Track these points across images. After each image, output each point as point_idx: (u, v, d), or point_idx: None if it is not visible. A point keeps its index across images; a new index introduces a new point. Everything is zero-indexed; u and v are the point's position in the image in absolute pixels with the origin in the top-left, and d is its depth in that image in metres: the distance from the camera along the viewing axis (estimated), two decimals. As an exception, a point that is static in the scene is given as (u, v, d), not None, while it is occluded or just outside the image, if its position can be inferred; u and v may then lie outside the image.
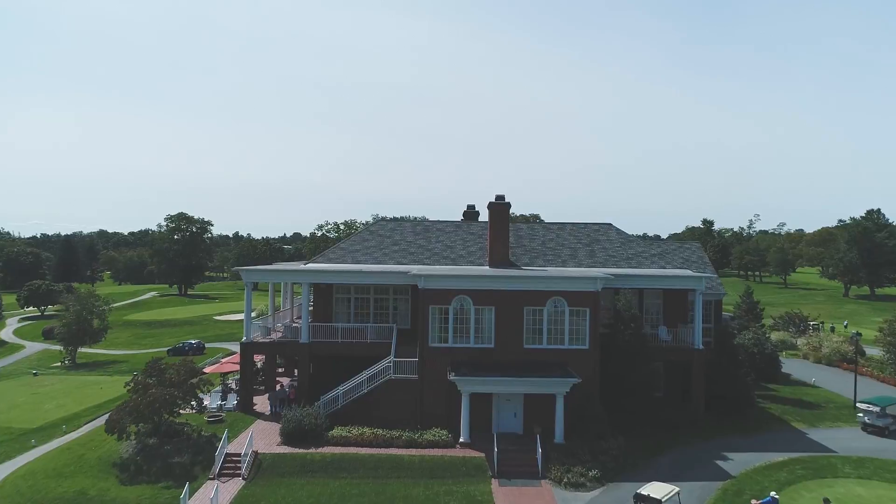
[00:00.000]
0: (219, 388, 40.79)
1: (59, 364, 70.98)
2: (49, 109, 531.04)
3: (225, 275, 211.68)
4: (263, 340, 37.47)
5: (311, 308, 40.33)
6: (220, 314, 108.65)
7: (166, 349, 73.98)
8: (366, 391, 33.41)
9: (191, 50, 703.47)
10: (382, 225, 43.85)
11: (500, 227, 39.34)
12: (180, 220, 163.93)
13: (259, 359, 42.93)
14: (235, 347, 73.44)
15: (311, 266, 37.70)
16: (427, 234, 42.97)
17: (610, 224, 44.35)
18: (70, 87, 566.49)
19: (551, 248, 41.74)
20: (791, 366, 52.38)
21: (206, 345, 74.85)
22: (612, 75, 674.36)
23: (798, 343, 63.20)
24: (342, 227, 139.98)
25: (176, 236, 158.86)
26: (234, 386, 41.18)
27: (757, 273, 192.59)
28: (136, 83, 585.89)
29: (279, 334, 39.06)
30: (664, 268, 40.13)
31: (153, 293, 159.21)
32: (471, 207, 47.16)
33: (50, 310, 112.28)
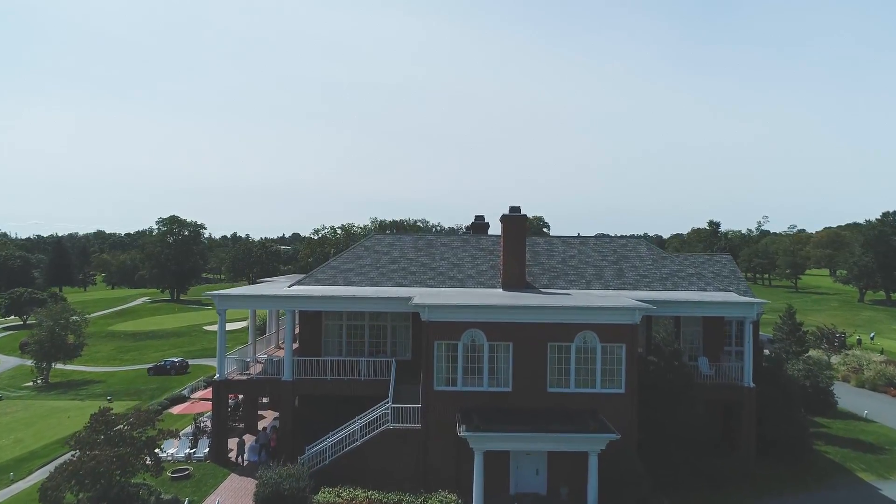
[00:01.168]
0: (189, 428, 35.41)
1: (31, 384, 65.66)
2: (48, 109, 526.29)
3: (221, 276, 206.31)
4: (240, 377, 32.06)
5: (296, 331, 35.12)
6: (211, 324, 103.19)
7: (148, 367, 68.66)
8: (359, 443, 28.01)
9: (191, 50, 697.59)
10: (379, 240, 38.45)
11: (515, 244, 34.03)
12: (172, 223, 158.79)
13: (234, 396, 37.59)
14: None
15: (295, 290, 32.34)
16: (430, 250, 37.59)
17: (640, 238, 39.03)
18: (70, 87, 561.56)
19: (573, 266, 36.38)
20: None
21: (191, 362, 69.48)
22: (613, 75, 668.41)
23: (833, 361, 57.90)
24: (339, 231, 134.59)
25: (170, 239, 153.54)
26: (209, 424, 35.78)
27: (766, 276, 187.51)
28: (136, 83, 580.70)
29: (260, 367, 33.66)
30: (704, 289, 34.81)
31: (144, 299, 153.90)
32: (479, 218, 41.74)
33: (33, 318, 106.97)
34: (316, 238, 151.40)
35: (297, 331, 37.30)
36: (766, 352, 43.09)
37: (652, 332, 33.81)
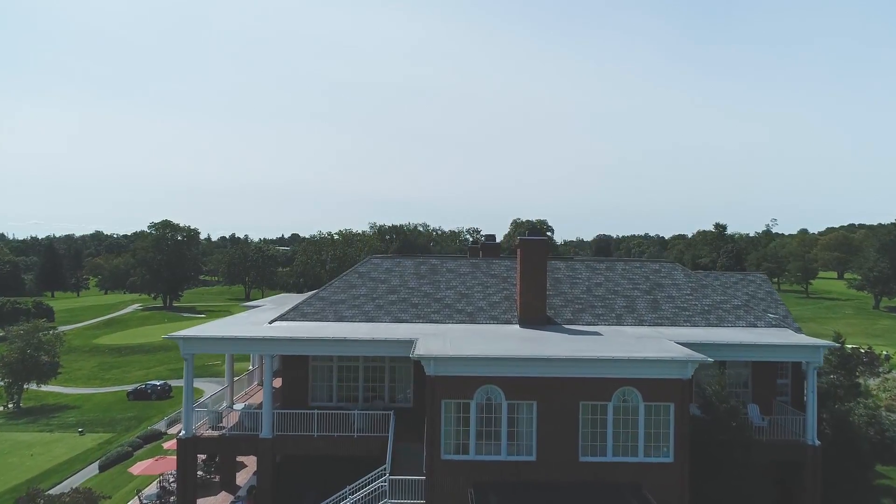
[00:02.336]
0: (153, 487, 30.54)
1: (1, 409, 60.84)
2: (47, 109, 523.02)
3: (218, 279, 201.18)
4: (211, 434, 27.09)
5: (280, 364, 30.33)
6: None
7: (128, 389, 63.83)
8: (350, 523, 23.13)
9: (191, 50, 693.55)
10: (376, 265, 33.53)
11: (535, 272, 29.11)
12: (165, 227, 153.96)
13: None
14: (209, 387, 63.19)
15: (276, 330, 27.41)
16: (434, 277, 32.69)
17: (675, 263, 34.17)
18: (70, 87, 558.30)
19: (600, 296, 31.47)
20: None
21: (175, 383, 64.52)
22: (613, 75, 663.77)
23: (871, 385, 52.96)
24: (337, 236, 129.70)
25: (168, 240, 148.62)
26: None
27: (775, 280, 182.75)
28: (136, 83, 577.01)
29: (236, 418, 28.71)
30: (754, 324, 29.89)
31: (136, 306, 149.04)
32: (490, 238, 36.86)
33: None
34: (313, 241, 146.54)
35: (280, 364, 32.64)
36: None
37: (693, 378, 28.91)
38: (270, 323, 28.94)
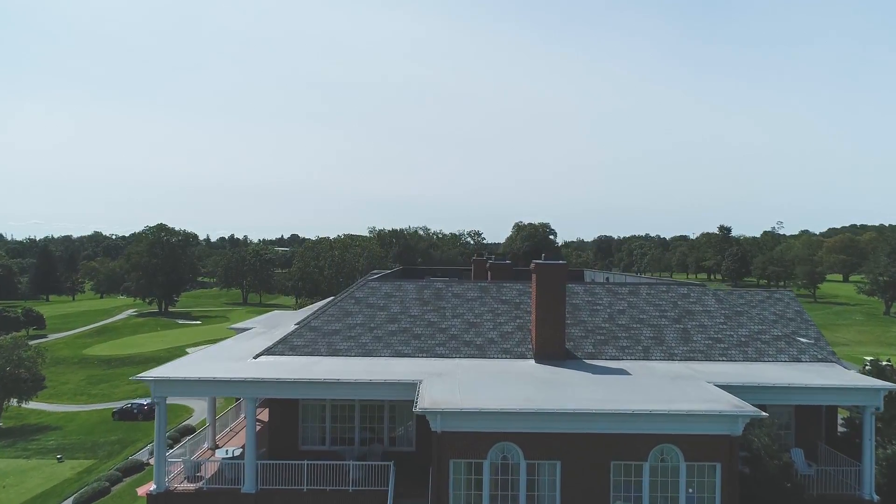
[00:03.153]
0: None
1: (-20, 430, 57.62)
2: (48, 109, 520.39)
3: (214, 280, 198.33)
4: (187, 488, 23.88)
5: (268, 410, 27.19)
6: (195, 345, 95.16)
7: (114, 408, 60.66)
8: None
9: (190, 50, 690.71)
10: (375, 289, 30.30)
11: (552, 301, 25.89)
12: (160, 231, 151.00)
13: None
14: (198, 406, 60.11)
15: (260, 369, 24.22)
16: (439, 303, 29.47)
17: (704, 286, 30.92)
18: (70, 87, 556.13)
19: (623, 325, 28.26)
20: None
21: (164, 401, 61.35)
22: (613, 74, 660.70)
23: None
24: (335, 241, 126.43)
25: (163, 244, 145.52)
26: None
27: (781, 284, 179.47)
28: (135, 83, 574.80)
29: (216, 467, 25.49)
30: (798, 358, 26.68)
31: (131, 311, 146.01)
32: (500, 258, 33.57)
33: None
34: (310, 246, 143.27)
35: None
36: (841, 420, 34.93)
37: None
38: (255, 357, 25.76)
